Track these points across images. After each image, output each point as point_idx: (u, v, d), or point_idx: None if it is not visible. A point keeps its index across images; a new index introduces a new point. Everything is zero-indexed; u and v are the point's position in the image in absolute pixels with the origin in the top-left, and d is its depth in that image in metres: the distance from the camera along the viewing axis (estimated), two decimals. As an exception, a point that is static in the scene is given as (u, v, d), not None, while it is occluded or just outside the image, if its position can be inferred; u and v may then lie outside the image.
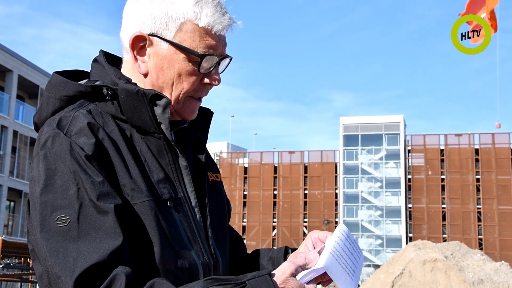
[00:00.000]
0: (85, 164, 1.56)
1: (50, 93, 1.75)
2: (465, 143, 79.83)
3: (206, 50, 1.72)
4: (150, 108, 1.70)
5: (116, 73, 1.78)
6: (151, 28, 1.72)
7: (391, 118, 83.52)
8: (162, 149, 1.75)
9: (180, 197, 1.73)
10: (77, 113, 1.66)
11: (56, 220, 1.52)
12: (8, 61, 37.82)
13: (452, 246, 29.48)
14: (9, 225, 39.96)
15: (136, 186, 1.63)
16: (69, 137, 1.60)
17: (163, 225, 1.64)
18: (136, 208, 1.62)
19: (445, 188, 79.46)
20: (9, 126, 37.89)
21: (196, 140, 1.89)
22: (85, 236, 1.50)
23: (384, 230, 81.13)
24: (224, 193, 2.01)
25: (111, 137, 1.66)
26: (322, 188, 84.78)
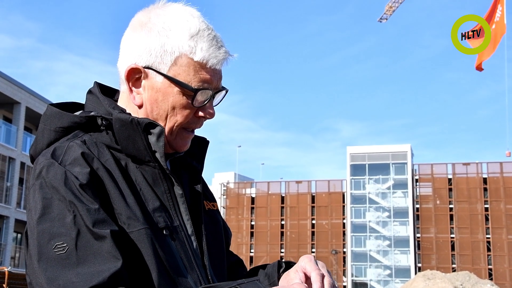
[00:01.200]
0: (79, 193, 1.56)
1: (45, 124, 1.77)
2: (473, 172, 79.59)
3: (200, 84, 1.72)
4: (144, 136, 1.71)
5: (110, 103, 1.79)
6: (146, 61, 1.73)
7: (398, 147, 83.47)
8: (158, 178, 1.74)
9: (176, 226, 1.73)
10: (72, 143, 1.67)
11: (54, 248, 1.52)
12: (16, 93, 38.04)
13: (461, 276, 29.25)
14: (15, 257, 39.87)
15: (132, 214, 1.63)
16: (63, 166, 1.60)
17: (159, 253, 1.63)
18: (132, 236, 1.61)
19: (454, 217, 79.07)
20: (16, 157, 37.98)
21: (192, 169, 1.90)
22: (84, 262, 1.50)
23: (393, 260, 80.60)
24: (221, 221, 1.99)
25: (106, 167, 1.66)
26: (329, 218, 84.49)
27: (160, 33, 1.72)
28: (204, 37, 1.72)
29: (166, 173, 1.75)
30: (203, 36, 1.72)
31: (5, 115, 39.28)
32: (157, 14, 1.76)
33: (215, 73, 1.75)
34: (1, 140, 37.09)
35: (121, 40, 1.82)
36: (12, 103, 38.42)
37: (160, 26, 1.73)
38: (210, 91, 1.74)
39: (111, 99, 1.83)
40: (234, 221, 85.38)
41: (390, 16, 76.23)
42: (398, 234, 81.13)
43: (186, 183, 1.86)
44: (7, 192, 37.56)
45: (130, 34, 1.78)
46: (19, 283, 15.80)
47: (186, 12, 1.76)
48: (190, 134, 1.80)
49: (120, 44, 1.82)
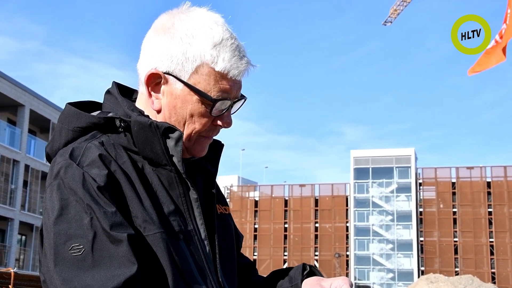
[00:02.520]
0: (97, 195, 1.57)
1: (63, 124, 1.76)
2: (477, 176, 79.47)
3: (220, 94, 1.71)
4: (162, 140, 1.70)
5: (129, 105, 1.79)
6: (167, 67, 1.72)
7: (402, 151, 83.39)
8: (173, 181, 1.74)
9: (190, 230, 1.73)
10: (90, 145, 1.67)
11: (70, 250, 1.52)
12: (20, 96, 38.11)
13: (464, 280, 29.22)
14: (20, 259, 39.91)
15: (148, 218, 1.63)
16: (81, 167, 1.61)
17: (174, 258, 1.63)
18: (148, 240, 1.61)
19: (457, 221, 78.94)
20: (20, 160, 38.03)
21: (206, 172, 1.89)
22: (99, 265, 1.51)
23: (396, 264, 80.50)
24: (233, 225, 2.00)
25: (123, 169, 1.66)
26: (333, 221, 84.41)
27: (183, 39, 1.71)
28: (227, 47, 1.71)
29: (182, 177, 1.75)
30: (226, 45, 1.71)
31: (9, 117, 39.38)
32: (181, 19, 1.74)
33: (235, 84, 1.74)
34: (6, 142, 37.17)
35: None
36: (16, 105, 38.50)
37: (183, 32, 1.72)
38: (229, 101, 1.74)
39: (129, 100, 1.84)
40: (237, 224, 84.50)
41: (395, 19, 76.24)
42: (401, 238, 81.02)
43: (200, 187, 1.86)
44: (11, 194, 37.62)
45: (153, 37, 1.77)
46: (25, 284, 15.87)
47: (210, 19, 1.74)
48: (207, 140, 1.80)
49: (142, 46, 1.81)
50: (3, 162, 36.56)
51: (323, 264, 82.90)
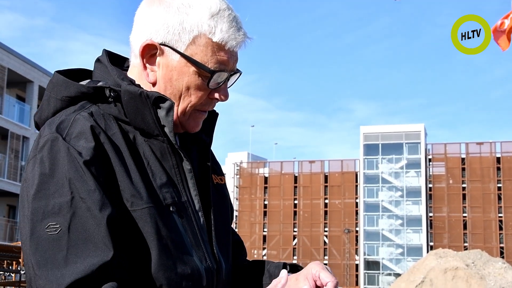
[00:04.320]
0: (82, 171, 1.52)
1: (51, 92, 1.72)
2: (487, 152, 79.26)
3: (217, 65, 1.67)
4: (153, 110, 1.65)
5: (119, 74, 1.73)
6: (163, 38, 1.67)
7: (412, 127, 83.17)
8: (166, 152, 1.70)
9: (184, 201, 1.69)
10: (78, 116, 1.62)
11: (47, 228, 1.48)
12: (29, 72, 38.15)
13: (473, 255, 29.30)
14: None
15: (136, 192, 1.59)
16: (68, 141, 1.55)
17: (162, 232, 1.60)
18: (135, 215, 1.58)
19: (466, 197, 78.90)
20: (30, 136, 38.19)
21: (201, 142, 1.86)
22: (74, 247, 1.47)
23: (405, 239, 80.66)
24: (228, 196, 1.96)
25: (113, 141, 1.62)
26: (342, 198, 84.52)
27: (180, 9, 1.67)
28: (224, 17, 1.67)
29: (174, 148, 1.71)
30: (224, 16, 1.67)
31: (18, 94, 39.47)
32: None
33: (232, 55, 1.70)
34: (15, 119, 37.31)
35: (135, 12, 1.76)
36: (25, 82, 38.56)
37: (180, 2, 1.68)
38: (226, 73, 1.70)
39: (120, 69, 1.78)
40: (247, 200, 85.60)
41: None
42: (410, 213, 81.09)
43: (194, 158, 1.82)
44: (21, 171, 37.81)
45: (147, 8, 1.72)
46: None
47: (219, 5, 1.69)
48: (202, 114, 1.76)
49: (135, 17, 1.76)
50: (13, 138, 36.71)
51: (333, 240, 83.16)
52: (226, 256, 1.83)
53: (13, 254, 19.59)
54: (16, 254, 18.55)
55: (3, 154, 36.52)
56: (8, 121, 36.31)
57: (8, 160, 36.43)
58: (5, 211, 38.97)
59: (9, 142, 36.36)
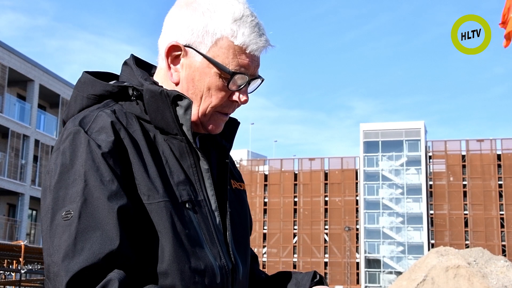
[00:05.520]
0: (99, 162, 1.58)
1: (78, 91, 1.79)
2: (487, 149, 79.26)
3: (237, 68, 1.73)
4: (172, 109, 1.71)
5: (143, 74, 1.81)
6: (187, 40, 1.75)
7: (412, 124, 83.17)
8: (184, 151, 1.76)
9: (200, 200, 1.73)
10: (101, 112, 1.68)
11: (63, 215, 1.54)
12: (30, 71, 38.09)
13: (475, 253, 29.23)
14: (31, 233, 40.15)
15: (152, 186, 1.63)
16: (89, 135, 1.62)
17: (177, 226, 1.64)
18: (151, 208, 1.62)
19: (467, 194, 78.92)
20: (30, 135, 38.12)
21: (221, 147, 1.91)
22: (83, 234, 1.51)
23: (406, 237, 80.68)
24: (247, 203, 2.01)
25: (133, 137, 1.68)
26: (342, 195, 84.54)
27: (205, 13, 1.74)
28: (247, 23, 1.74)
29: (193, 148, 1.76)
30: (246, 21, 1.74)
31: (19, 92, 39.44)
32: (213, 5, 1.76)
33: (253, 60, 1.76)
34: (16, 117, 37.28)
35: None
36: (26, 80, 38.52)
37: (205, 7, 1.75)
38: (246, 76, 1.75)
39: (145, 71, 1.85)
40: (247, 198, 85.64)
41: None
42: (411, 211, 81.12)
43: (214, 160, 1.88)
44: (22, 169, 37.80)
45: (175, 12, 1.80)
46: (35, 257, 15.99)
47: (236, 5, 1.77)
48: (223, 117, 1.81)
49: (164, 22, 1.83)
50: (13, 137, 36.67)
51: (333, 237, 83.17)
52: (243, 257, 1.86)
53: (13, 253, 19.54)
54: (16, 253, 18.52)
55: (4, 153, 36.49)
56: (8, 119, 36.27)
57: (8, 159, 36.39)
58: (5, 210, 38.93)
59: (9, 141, 36.33)
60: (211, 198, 1.78)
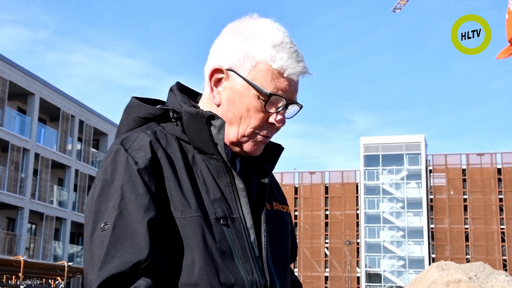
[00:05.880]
0: (135, 177, 1.69)
1: (126, 114, 1.92)
2: (487, 163, 79.24)
3: (275, 90, 1.80)
4: (208, 129, 1.80)
5: (183, 98, 1.91)
6: (229, 64, 1.84)
7: (412, 138, 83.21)
8: (221, 171, 1.82)
9: (235, 217, 1.79)
10: (142, 133, 1.80)
11: (101, 227, 1.66)
12: (30, 84, 38.08)
13: (476, 267, 29.16)
14: (30, 247, 40.00)
15: (186, 202, 1.72)
16: (129, 153, 1.74)
17: (208, 240, 1.71)
18: (184, 223, 1.70)
19: (468, 208, 78.82)
20: (30, 148, 38.05)
21: (262, 169, 1.97)
22: (115, 244, 1.62)
23: (407, 251, 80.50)
24: (290, 226, 2.05)
25: (170, 156, 1.78)
26: (343, 209, 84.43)
27: (246, 40, 1.83)
28: (285, 49, 1.81)
29: (228, 167, 1.82)
30: (285, 48, 1.82)
31: (19, 106, 39.44)
32: (247, 24, 1.88)
33: (291, 84, 1.82)
34: (16, 131, 37.25)
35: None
36: (26, 94, 38.51)
37: (247, 33, 1.84)
38: (283, 99, 1.81)
39: (186, 96, 1.94)
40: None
41: (404, 6, 75.76)
42: (412, 225, 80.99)
43: (255, 182, 1.94)
44: (21, 183, 37.72)
45: (220, 40, 1.90)
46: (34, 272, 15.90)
47: (273, 26, 1.87)
48: (262, 139, 1.86)
49: (210, 50, 1.93)
50: (13, 150, 36.62)
51: (334, 251, 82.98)
52: (281, 276, 1.90)
53: (12, 268, 19.49)
54: (15, 268, 18.45)
55: (3, 166, 36.42)
56: (8, 133, 36.24)
57: (8, 172, 36.32)
58: (4, 224, 38.81)
59: (9, 154, 36.27)
60: (246, 216, 1.82)
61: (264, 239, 1.84)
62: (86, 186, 43.79)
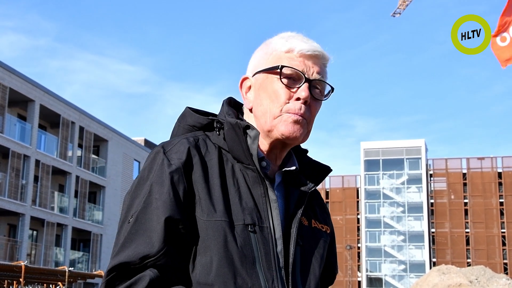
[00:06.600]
0: (165, 176, 1.80)
1: (178, 122, 2.05)
2: (488, 167, 79.21)
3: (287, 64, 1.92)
4: (245, 139, 1.89)
5: (229, 110, 2.01)
6: (253, 70, 2.01)
7: (412, 142, 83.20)
8: (256, 181, 1.89)
9: (265, 226, 1.84)
10: (184, 139, 1.91)
11: (129, 218, 1.81)
12: (30, 91, 38.09)
13: (476, 271, 29.11)
14: (31, 254, 39.96)
15: (212, 207, 1.80)
16: (166, 155, 1.86)
17: (230, 244, 1.77)
18: (208, 225, 1.78)
19: (468, 212, 78.75)
20: (31, 155, 38.04)
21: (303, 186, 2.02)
22: (133, 235, 1.77)
23: (407, 255, 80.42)
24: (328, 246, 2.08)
25: (205, 162, 1.87)
26: (344, 214, 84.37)
27: (264, 45, 2.02)
28: (294, 37, 1.96)
29: (263, 178, 1.89)
30: (293, 37, 1.97)
31: (19, 113, 39.47)
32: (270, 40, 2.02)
33: (305, 60, 1.93)
34: (16, 138, 37.26)
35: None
36: (27, 101, 38.52)
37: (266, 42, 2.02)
38: (300, 73, 1.91)
39: (232, 109, 2.04)
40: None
41: (404, 10, 75.85)
42: (412, 229, 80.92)
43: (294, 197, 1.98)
44: (22, 189, 37.72)
45: None
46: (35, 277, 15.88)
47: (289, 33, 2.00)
48: (295, 117, 1.91)
49: None
50: (14, 157, 36.63)
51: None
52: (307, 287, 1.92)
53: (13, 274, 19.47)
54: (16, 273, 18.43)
55: (4, 173, 36.43)
56: (9, 140, 36.26)
57: (9, 179, 36.32)
58: (5, 230, 38.81)
59: (10, 161, 36.27)
60: (276, 227, 1.87)
61: (292, 251, 1.88)
62: (86, 192, 43.77)
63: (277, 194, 1.94)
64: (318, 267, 1.98)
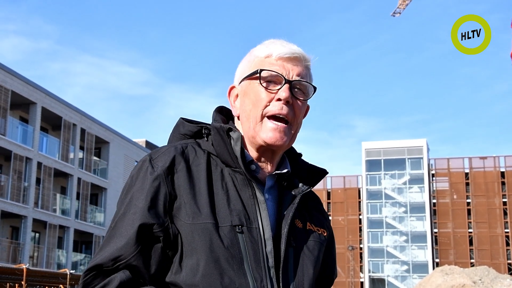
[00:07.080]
0: (147, 183, 1.87)
1: (173, 132, 2.12)
2: (491, 166, 79.13)
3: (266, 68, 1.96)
4: (229, 142, 1.95)
5: (217, 117, 2.07)
6: (239, 79, 2.06)
7: (414, 142, 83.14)
8: (244, 184, 1.93)
9: (253, 227, 1.87)
10: (172, 147, 1.97)
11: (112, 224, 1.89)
12: (32, 94, 38.12)
13: (480, 271, 29.09)
14: (34, 256, 39.98)
15: (197, 210, 1.84)
16: (151, 162, 1.92)
17: (216, 246, 1.80)
18: (194, 228, 1.82)
19: (471, 212, 78.68)
20: (33, 157, 38.06)
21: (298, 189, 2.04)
22: (110, 238, 1.85)
23: (410, 256, 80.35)
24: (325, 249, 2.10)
25: (190, 168, 1.92)
26: (345, 214, 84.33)
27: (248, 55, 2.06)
28: (273, 43, 2.01)
29: (249, 179, 1.92)
30: (273, 43, 2.01)
31: (21, 115, 39.48)
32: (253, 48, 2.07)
33: (284, 62, 1.97)
34: (18, 140, 37.28)
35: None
36: (28, 103, 38.56)
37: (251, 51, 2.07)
38: (279, 75, 1.94)
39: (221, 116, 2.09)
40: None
41: (404, 10, 75.83)
42: (415, 230, 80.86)
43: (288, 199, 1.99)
44: (24, 192, 37.73)
45: None
46: (37, 280, 15.80)
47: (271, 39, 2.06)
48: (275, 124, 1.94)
49: None
50: (16, 159, 36.64)
51: (337, 257, 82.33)
52: None
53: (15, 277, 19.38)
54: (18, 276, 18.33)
55: (6, 176, 36.46)
56: (11, 142, 36.27)
57: (11, 181, 36.34)
58: (8, 233, 38.82)
59: (12, 163, 36.30)
60: (265, 228, 1.89)
61: (283, 252, 1.89)
62: (88, 194, 43.81)
63: (269, 197, 1.97)
64: (312, 269, 1.98)
